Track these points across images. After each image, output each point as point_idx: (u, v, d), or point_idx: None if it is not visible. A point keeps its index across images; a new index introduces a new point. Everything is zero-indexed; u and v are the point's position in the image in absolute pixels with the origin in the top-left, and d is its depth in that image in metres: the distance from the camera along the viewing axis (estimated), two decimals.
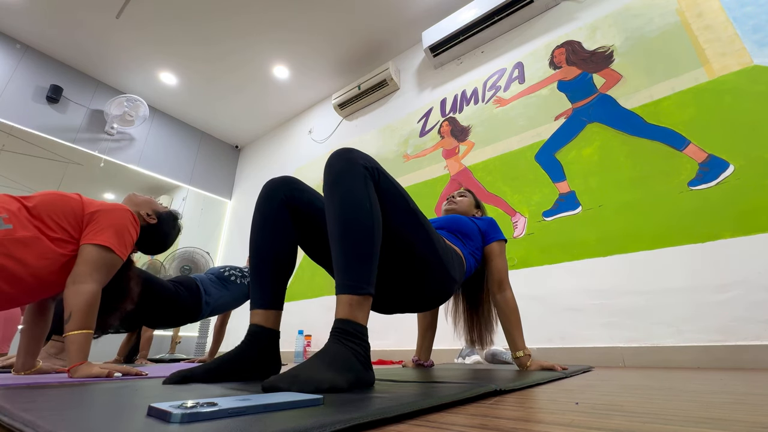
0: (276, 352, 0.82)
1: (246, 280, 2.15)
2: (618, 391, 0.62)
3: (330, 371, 0.55)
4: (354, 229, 0.68)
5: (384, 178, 0.78)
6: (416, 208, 0.85)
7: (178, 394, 0.53)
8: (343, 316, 0.64)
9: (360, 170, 0.72)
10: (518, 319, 1.19)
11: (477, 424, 0.35)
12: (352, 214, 0.68)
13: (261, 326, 0.80)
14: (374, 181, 0.75)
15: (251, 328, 0.80)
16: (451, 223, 1.23)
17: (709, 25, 1.84)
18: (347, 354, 0.60)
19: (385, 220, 0.75)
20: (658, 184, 1.75)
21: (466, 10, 2.71)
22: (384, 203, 0.76)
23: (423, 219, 0.86)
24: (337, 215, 0.69)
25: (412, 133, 2.98)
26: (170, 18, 3.03)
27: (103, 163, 3.49)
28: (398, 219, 0.81)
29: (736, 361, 1.37)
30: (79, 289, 1.00)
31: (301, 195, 0.89)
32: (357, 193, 0.70)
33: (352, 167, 0.72)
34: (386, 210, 0.76)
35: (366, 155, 0.76)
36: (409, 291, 0.93)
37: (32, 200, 1.06)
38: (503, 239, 1.26)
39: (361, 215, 0.68)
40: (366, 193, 0.71)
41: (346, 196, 0.70)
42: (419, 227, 0.85)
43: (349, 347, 0.61)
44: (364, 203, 0.70)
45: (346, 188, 0.70)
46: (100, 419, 0.34)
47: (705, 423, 0.34)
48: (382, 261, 0.80)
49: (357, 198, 0.70)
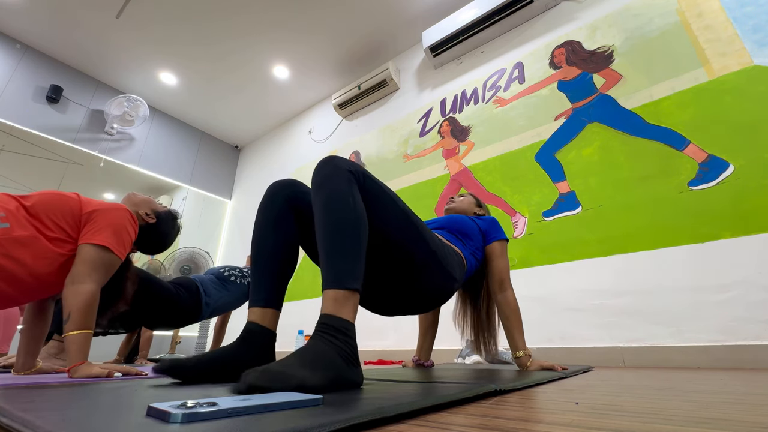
0: (271, 353, 0.80)
1: (246, 280, 2.15)
2: (618, 391, 0.62)
3: (305, 369, 0.53)
4: (338, 225, 0.68)
5: (369, 180, 0.79)
6: (407, 209, 0.86)
7: (179, 394, 0.53)
8: (328, 312, 0.62)
9: (344, 173, 0.73)
10: (519, 319, 1.19)
11: (477, 424, 0.35)
12: (335, 211, 0.69)
13: (257, 324, 0.78)
14: (359, 183, 0.76)
15: (247, 326, 0.79)
16: (451, 223, 1.23)
17: (709, 25, 1.84)
18: (328, 351, 0.58)
19: (374, 221, 0.76)
20: (658, 184, 1.75)
21: (466, 10, 2.71)
22: (371, 205, 0.77)
23: (415, 219, 0.87)
24: (322, 213, 0.70)
25: (412, 133, 2.99)
26: (170, 18, 3.03)
27: (103, 163, 3.49)
28: (388, 220, 0.81)
29: (736, 361, 1.37)
30: (77, 289, 1.00)
31: (305, 197, 0.90)
32: (341, 192, 0.71)
33: (337, 171, 0.73)
34: (374, 211, 0.77)
35: (351, 161, 0.78)
36: (407, 292, 0.93)
37: (30, 199, 1.06)
38: (505, 239, 1.26)
39: (344, 212, 0.69)
40: (350, 192, 0.72)
41: (331, 195, 0.71)
42: (410, 227, 0.85)
43: (332, 344, 0.59)
44: (348, 201, 0.70)
45: (331, 188, 0.71)
46: (100, 419, 0.34)
47: (705, 423, 0.34)
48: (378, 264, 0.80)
49: (341, 196, 0.70)
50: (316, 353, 0.57)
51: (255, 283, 0.83)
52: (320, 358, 0.56)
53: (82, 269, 1.03)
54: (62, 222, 1.07)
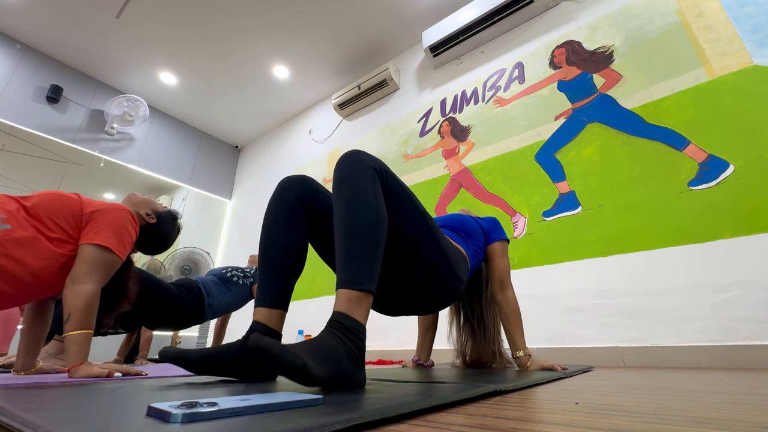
0: None
1: (248, 280, 2.15)
2: (618, 391, 0.62)
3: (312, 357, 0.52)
4: (358, 225, 0.66)
5: (392, 179, 0.78)
6: (424, 211, 0.85)
7: (179, 394, 0.53)
8: (341, 310, 0.61)
9: (368, 170, 0.72)
10: (519, 319, 1.19)
11: (477, 424, 0.35)
12: (357, 210, 0.68)
13: (263, 324, 0.77)
14: (382, 180, 0.74)
15: (253, 326, 0.78)
16: (455, 221, 1.23)
17: (709, 25, 1.84)
18: (337, 347, 0.57)
19: (392, 220, 0.75)
20: (658, 184, 1.75)
21: (466, 10, 2.71)
22: (392, 204, 0.76)
23: (431, 222, 0.86)
24: (343, 211, 0.68)
25: (412, 133, 2.98)
26: (170, 18, 3.03)
27: (103, 163, 3.49)
28: (406, 220, 0.80)
29: (736, 361, 1.37)
30: (78, 290, 1.00)
31: (316, 195, 0.88)
32: (363, 190, 0.70)
33: (361, 167, 0.72)
34: (394, 211, 0.76)
35: (374, 157, 0.76)
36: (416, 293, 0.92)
37: (30, 200, 1.06)
38: (506, 239, 1.26)
39: (366, 213, 0.68)
40: (373, 191, 0.70)
41: (353, 192, 0.69)
42: (427, 229, 0.84)
43: (342, 341, 0.58)
44: (370, 200, 0.69)
45: (353, 185, 0.70)
46: (100, 419, 0.34)
47: (705, 423, 0.34)
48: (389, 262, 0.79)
49: (363, 195, 0.69)
50: (325, 347, 0.56)
51: (262, 283, 0.82)
52: (328, 352, 0.55)
53: (82, 269, 1.03)
54: (63, 222, 1.07)
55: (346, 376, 0.56)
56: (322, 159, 3.66)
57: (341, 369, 0.56)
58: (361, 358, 0.61)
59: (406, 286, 0.90)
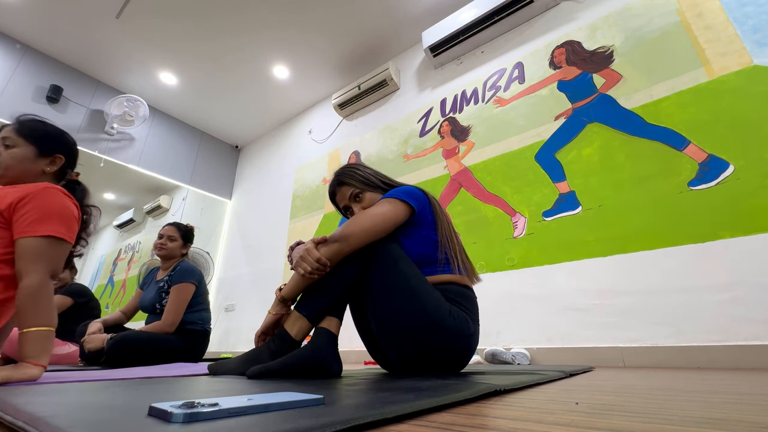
0: (338, 353, 0.97)
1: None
2: (618, 391, 0.62)
3: (237, 363, 0.93)
4: None
5: None
6: (408, 270, 0.96)
7: (180, 394, 0.53)
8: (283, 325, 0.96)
9: None
10: None
11: (477, 424, 0.35)
12: None
13: (329, 331, 0.95)
14: None
15: (322, 331, 0.94)
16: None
17: (709, 25, 1.84)
18: (259, 348, 0.94)
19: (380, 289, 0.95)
20: (658, 184, 1.75)
21: (466, 10, 2.71)
22: None
23: (414, 281, 0.94)
24: None
25: (412, 133, 2.99)
26: (170, 18, 3.03)
27: (103, 163, 3.49)
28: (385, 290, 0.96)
29: (736, 361, 1.37)
30: (20, 290, 0.86)
31: None
32: None
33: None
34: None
35: None
36: (432, 361, 0.96)
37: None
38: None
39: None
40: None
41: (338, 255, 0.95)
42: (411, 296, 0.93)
43: (267, 344, 0.94)
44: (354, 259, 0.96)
45: None
46: (101, 419, 0.34)
47: (705, 423, 0.34)
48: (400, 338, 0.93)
49: None
50: (251, 352, 0.94)
51: (326, 296, 0.98)
52: (253, 354, 0.93)
53: (20, 266, 0.88)
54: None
55: (264, 365, 0.85)
56: (322, 159, 3.66)
57: (261, 362, 0.89)
58: (282, 352, 0.91)
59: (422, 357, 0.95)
